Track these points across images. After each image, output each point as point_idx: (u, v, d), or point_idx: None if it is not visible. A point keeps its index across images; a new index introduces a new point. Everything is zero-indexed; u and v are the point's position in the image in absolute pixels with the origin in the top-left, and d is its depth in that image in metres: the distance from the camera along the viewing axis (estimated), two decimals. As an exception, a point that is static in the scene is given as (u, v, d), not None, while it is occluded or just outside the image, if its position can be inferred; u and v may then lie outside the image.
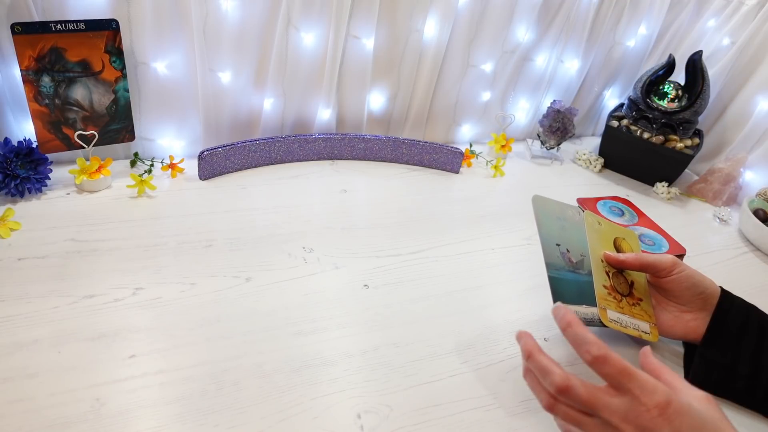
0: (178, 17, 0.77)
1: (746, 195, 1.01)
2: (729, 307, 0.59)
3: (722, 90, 1.11)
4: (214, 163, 0.84)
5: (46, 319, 0.56)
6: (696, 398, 0.43)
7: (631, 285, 0.62)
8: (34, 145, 0.73)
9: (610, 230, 0.65)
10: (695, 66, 1.01)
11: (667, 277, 0.59)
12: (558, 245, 0.60)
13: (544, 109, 1.11)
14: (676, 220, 0.98)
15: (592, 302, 0.58)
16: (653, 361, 0.48)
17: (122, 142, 0.82)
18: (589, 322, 0.58)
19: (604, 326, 0.57)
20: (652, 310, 0.62)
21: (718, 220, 1.01)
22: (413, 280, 0.71)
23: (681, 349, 0.64)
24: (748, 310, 0.59)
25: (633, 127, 1.06)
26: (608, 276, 0.60)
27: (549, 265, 0.59)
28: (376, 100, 1.01)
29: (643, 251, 0.66)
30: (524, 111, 1.16)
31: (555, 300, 0.57)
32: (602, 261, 0.61)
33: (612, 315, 0.57)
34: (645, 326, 0.60)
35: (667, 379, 0.45)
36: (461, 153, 0.99)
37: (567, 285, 0.59)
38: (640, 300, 0.61)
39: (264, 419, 0.50)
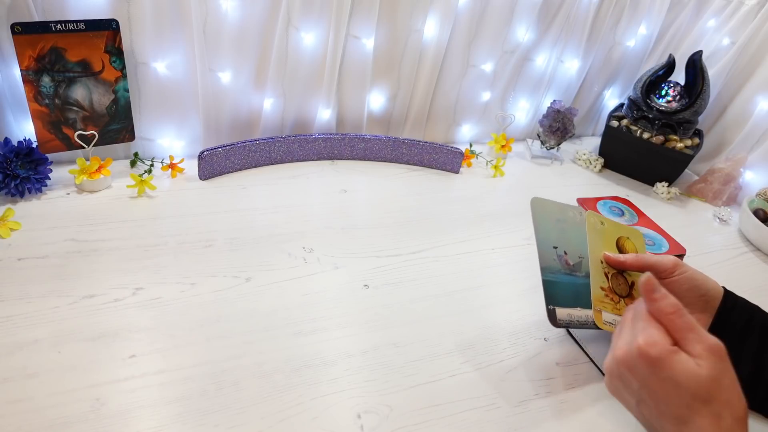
0: (178, 17, 0.77)
1: (746, 195, 1.01)
2: (732, 307, 0.58)
3: (722, 90, 1.11)
4: (214, 163, 0.84)
5: (46, 319, 0.56)
6: (697, 356, 0.42)
7: (632, 286, 0.61)
8: (34, 145, 0.73)
9: (614, 230, 0.64)
10: (695, 66, 1.01)
11: (669, 279, 0.59)
12: (555, 248, 0.60)
13: (544, 109, 1.11)
14: (676, 220, 0.98)
15: (587, 305, 0.58)
16: (661, 308, 0.46)
17: (122, 142, 0.82)
18: (582, 324, 0.58)
19: (598, 329, 0.57)
20: None
21: (718, 220, 1.01)
22: (413, 280, 0.71)
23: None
24: (752, 311, 0.59)
25: (633, 127, 1.06)
26: (607, 277, 0.60)
27: (544, 269, 0.58)
28: (376, 100, 1.01)
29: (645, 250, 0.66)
30: (524, 111, 1.16)
31: (548, 303, 0.57)
32: (602, 262, 0.61)
33: (607, 317, 0.57)
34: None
35: (675, 327, 0.44)
36: (461, 153, 0.99)
37: (561, 288, 0.58)
38: None
39: (264, 419, 0.50)
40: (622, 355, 0.45)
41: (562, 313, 0.57)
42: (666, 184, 1.06)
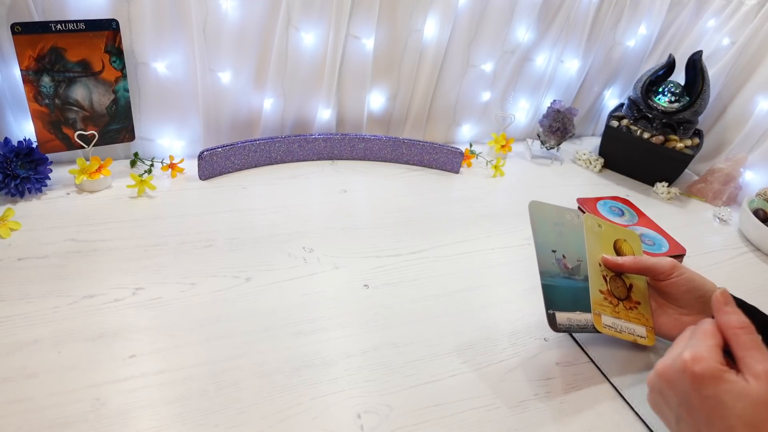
0: (178, 17, 0.77)
1: (746, 195, 1.01)
2: None
3: (722, 90, 1.11)
4: (214, 163, 0.84)
5: (46, 319, 0.56)
6: (755, 376, 0.40)
7: (630, 288, 0.61)
8: (34, 145, 0.73)
9: (611, 232, 0.64)
10: (695, 66, 1.01)
11: (666, 280, 0.59)
12: (554, 252, 0.60)
13: (544, 109, 1.11)
14: (676, 220, 0.98)
15: (586, 308, 0.58)
16: (729, 321, 0.44)
17: (122, 142, 0.82)
18: (582, 328, 0.58)
19: (598, 332, 0.57)
20: (650, 313, 0.61)
21: (718, 220, 1.01)
22: (413, 280, 0.71)
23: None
24: (750, 312, 0.59)
25: (633, 127, 1.06)
26: (605, 280, 0.60)
27: (543, 273, 0.58)
28: (376, 100, 1.01)
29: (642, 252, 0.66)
30: (524, 111, 1.16)
31: (548, 308, 0.57)
32: (600, 265, 0.61)
33: (606, 320, 0.57)
34: (641, 330, 0.59)
35: (740, 343, 0.43)
36: (461, 153, 0.99)
37: (561, 292, 0.58)
38: (638, 303, 0.61)
39: (264, 419, 0.50)
40: (663, 369, 0.44)
41: (561, 317, 0.57)
42: (666, 184, 1.06)
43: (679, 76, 1.07)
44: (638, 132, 1.05)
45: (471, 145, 1.07)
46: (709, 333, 0.44)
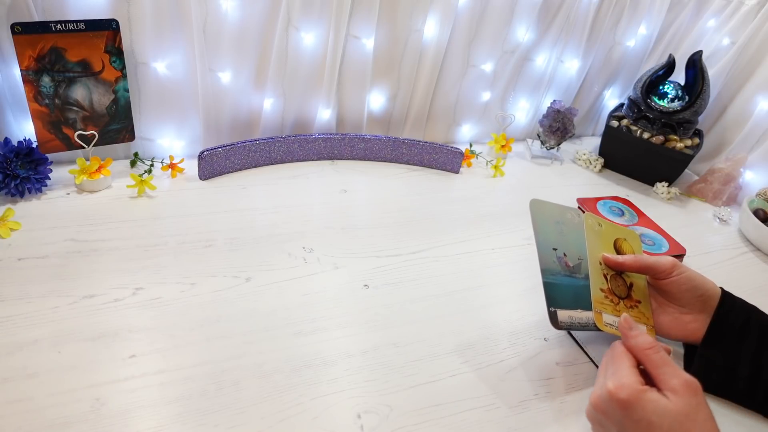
0: (178, 17, 0.77)
1: (746, 195, 1.01)
2: (730, 308, 0.58)
3: (722, 90, 1.11)
4: (214, 163, 0.84)
5: (46, 319, 0.56)
6: (672, 390, 0.44)
7: (630, 287, 0.61)
8: (34, 145, 0.73)
9: (611, 231, 0.64)
10: (695, 66, 1.01)
11: (667, 279, 0.59)
12: (555, 250, 0.60)
13: (544, 109, 1.11)
14: (676, 220, 0.98)
15: (587, 306, 0.58)
16: (638, 344, 0.48)
17: (122, 142, 0.82)
18: (583, 326, 0.58)
19: (599, 330, 0.57)
20: (650, 312, 0.62)
21: (718, 220, 1.01)
22: (413, 280, 0.71)
23: (681, 350, 0.64)
24: (749, 311, 0.59)
25: (633, 127, 1.06)
26: (606, 279, 0.60)
27: (544, 271, 0.58)
28: (376, 100, 1.01)
29: (643, 251, 0.66)
30: (524, 111, 1.16)
31: (549, 305, 0.57)
32: (601, 263, 0.61)
33: (607, 319, 0.57)
34: (642, 328, 0.59)
35: (652, 363, 0.46)
36: (461, 153, 0.99)
37: (562, 290, 0.58)
38: (639, 302, 0.61)
39: (264, 419, 0.50)
40: (595, 401, 0.47)
41: (563, 315, 0.57)
42: (666, 184, 1.06)
43: (679, 76, 1.07)
44: (638, 132, 1.05)
45: (471, 145, 1.07)
46: (624, 355, 0.48)
